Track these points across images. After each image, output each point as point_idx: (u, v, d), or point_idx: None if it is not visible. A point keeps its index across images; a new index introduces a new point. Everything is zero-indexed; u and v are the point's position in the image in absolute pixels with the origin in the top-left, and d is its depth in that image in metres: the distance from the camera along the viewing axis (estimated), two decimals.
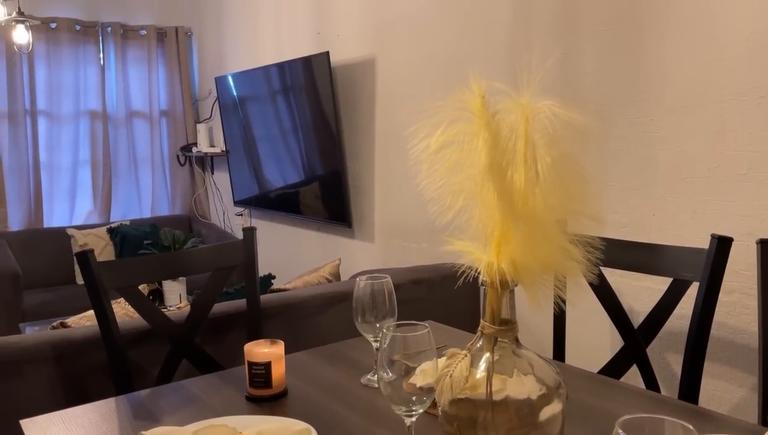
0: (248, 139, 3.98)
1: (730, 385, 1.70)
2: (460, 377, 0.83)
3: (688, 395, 1.38)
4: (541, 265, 0.78)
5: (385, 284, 1.31)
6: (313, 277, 2.53)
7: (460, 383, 0.83)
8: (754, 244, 1.55)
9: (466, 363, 0.84)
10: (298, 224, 3.77)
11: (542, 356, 0.88)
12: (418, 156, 0.69)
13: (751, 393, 1.67)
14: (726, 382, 1.72)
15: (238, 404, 1.22)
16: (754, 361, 1.66)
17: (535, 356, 0.87)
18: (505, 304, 0.86)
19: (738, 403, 1.69)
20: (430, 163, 0.71)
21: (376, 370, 1.32)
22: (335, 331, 2.07)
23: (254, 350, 1.25)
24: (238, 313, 1.93)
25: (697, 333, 1.37)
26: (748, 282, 1.64)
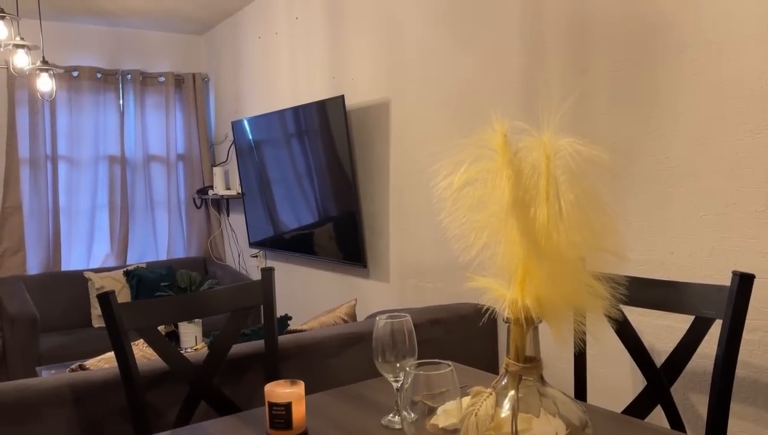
0: (263, 181, 4.02)
1: (758, 426, 1.66)
2: (486, 416, 0.82)
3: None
4: (566, 302, 0.78)
5: (404, 323, 1.31)
6: (330, 317, 2.52)
7: (485, 422, 0.82)
8: None
9: (491, 401, 0.84)
10: (313, 265, 3.78)
11: (567, 395, 0.87)
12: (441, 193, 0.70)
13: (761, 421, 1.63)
14: (753, 423, 1.68)
15: None
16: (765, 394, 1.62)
17: (560, 394, 0.86)
18: (530, 341, 0.86)
19: None
20: (454, 200, 0.72)
21: (396, 410, 1.31)
22: (353, 372, 2.06)
23: (275, 390, 1.25)
24: (255, 354, 1.92)
25: (722, 372, 1.35)
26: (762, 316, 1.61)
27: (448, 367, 0.93)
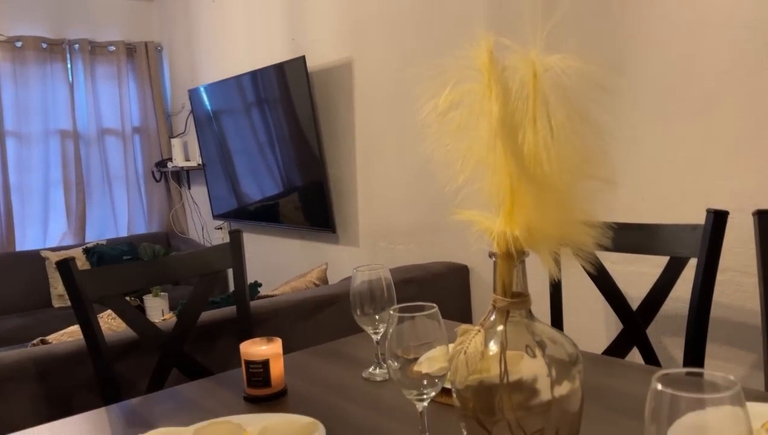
0: (224, 151, 3.92)
1: (731, 364, 1.70)
2: (475, 353, 0.80)
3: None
4: (555, 230, 0.76)
5: (382, 274, 1.28)
6: (301, 282, 2.48)
7: (475, 359, 0.79)
8: (745, 220, 1.55)
9: (480, 338, 0.81)
10: (281, 234, 3.71)
11: (557, 330, 0.85)
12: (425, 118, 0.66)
13: (753, 370, 1.66)
14: (726, 361, 1.71)
15: (236, 405, 1.17)
16: (753, 338, 1.65)
17: (550, 329, 0.84)
18: (517, 276, 0.83)
19: (740, 380, 1.68)
20: (438, 125, 0.68)
21: (377, 363, 1.29)
22: (327, 334, 2.02)
23: (251, 349, 1.21)
24: (227, 320, 1.87)
25: (698, 309, 1.35)
26: (741, 259, 1.63)
27: (432, 308, 0.90)
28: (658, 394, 0.56)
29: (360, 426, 1.04)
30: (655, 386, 0.57)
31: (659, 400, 0.56)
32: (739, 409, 0.55)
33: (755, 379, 1.65)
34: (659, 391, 0.56)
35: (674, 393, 0.55)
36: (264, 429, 0.93)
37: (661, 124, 1.78)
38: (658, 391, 0.56)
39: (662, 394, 0.56)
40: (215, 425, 0.90)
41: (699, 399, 0.55)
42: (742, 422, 0.55)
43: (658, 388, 0.56)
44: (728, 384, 0.56)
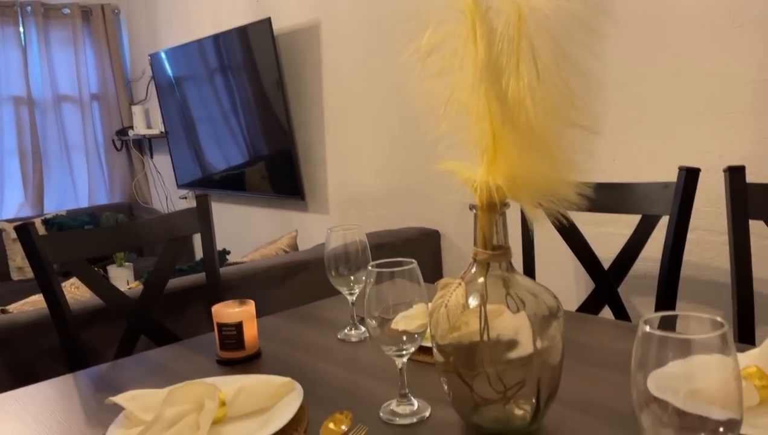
0: (188, 119, 3.81)
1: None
2: (457, 306, 0.78)
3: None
4: (538, 179, 0.74)
5: (357, 234, 1.25)
6: (270, 249, 2.44)
7: (456, 313, 0.78)
8: (713, 179, 1.57)
9: (461, 291, 0.80)
10: (248, 202, 3.65)
11: (538, 283, 0.84)
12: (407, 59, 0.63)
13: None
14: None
15: (209, 368, 1.15)
16: (721, 295, 1.69)
17: (531, 282, 0.83)
18: (498, 228, 0.82)
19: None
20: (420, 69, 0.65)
21: (353, 324, 1.27)
22: (298, 300, 2.00)
23: (223, 311, 1.18)
24: (196, 287, 1.83)
25: (669, 266, 1.37)
26: (708, 218, 1.66)
27: (411, 263, 0.88)
28: (646, 336, 0.56)
29: (337, 385, 1.03)
30: (643, 329, 0.56)
31: (647, 343, 0.56)
32: (728, 351, 0.54)
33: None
34: (647, 334, 0.55)
35: (662, 335, 0.55)
36: (240, 389, 0.90)
37: (631, 84, 1.78)
38: (646, 334, 0.56)
39: (650, 336, 0.55)
40: (190, 386, 0.87)
41: (687, 340, 0.55)
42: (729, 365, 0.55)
43: (646, 331, 0.56)
44: (716, 325, 0.56)
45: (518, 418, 0.82)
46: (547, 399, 0.81)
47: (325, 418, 0.88)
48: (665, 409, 0.56)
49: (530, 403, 0.81)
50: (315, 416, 0.91)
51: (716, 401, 0.55)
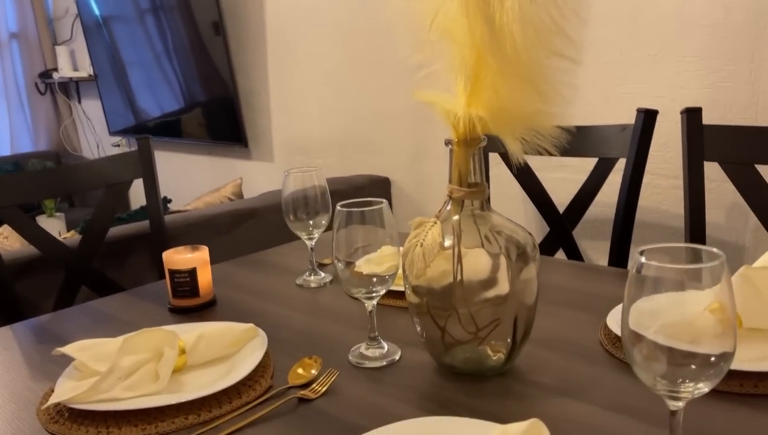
0: (118, 61, 3.59)
1: None
2: (433, 245, 0.75)
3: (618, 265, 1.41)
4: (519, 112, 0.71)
5: (316, 177, 1.20)
6: (215, 197, 2.35)
7: (432, 251, 0.75)
8: (665, 124, 1.59)
9: (437, 230, 0.77)
10: (187, 150, 3.50)
11: (512, 221, 0.82)
12: None
13: None
14: None
15: (161, 317, 1.09)
16: (667, 238, 1.73)
17: (508, 220, 0.81)
18: (474, 165, 0.78)
19: None
20: None
21: (312, 269, 1.23)
22: (247, 249, 1.94)
23: (175, 257, 1.11)
24: (138, 235, 1.74)
25: (625, 207, 1.38)
26: (658, 162, 1.68)
27: (381, 203, 0.84)
28: (644, 267, 0.54)
29: (300, 331, 0.99)
30: (638, 260, 0.55)
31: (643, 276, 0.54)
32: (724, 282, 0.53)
33: None
34: (644, 264, 0.54)
35: (659, 265, 0.53)
36: (200, 336, 0.85)
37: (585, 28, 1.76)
38: (643, 264, 0.54)
39: (647, 267, 0.54)
40: (147, 333, 0.81)
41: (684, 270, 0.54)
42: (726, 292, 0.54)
43: (642, 261, 0.54)
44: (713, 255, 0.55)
45: (492, 358, 0.81)
46: (522, 338, 0.80)
47: (291, 364, 0.85)
48: (656, 343, 0.55)
49: (505, 343, 0.80)
50: (280, 362, 0.87)
51: (707, 334, 0.54)
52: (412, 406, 0.76)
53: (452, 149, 0.78)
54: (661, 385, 0.55)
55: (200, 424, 0.74)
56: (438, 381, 0.81)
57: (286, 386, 0.80)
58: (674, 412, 0.56)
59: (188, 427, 0.73)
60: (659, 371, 0.54)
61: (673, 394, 0.55)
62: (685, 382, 0.54)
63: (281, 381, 0.82)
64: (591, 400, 0.73)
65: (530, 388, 0.78)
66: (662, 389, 0.55)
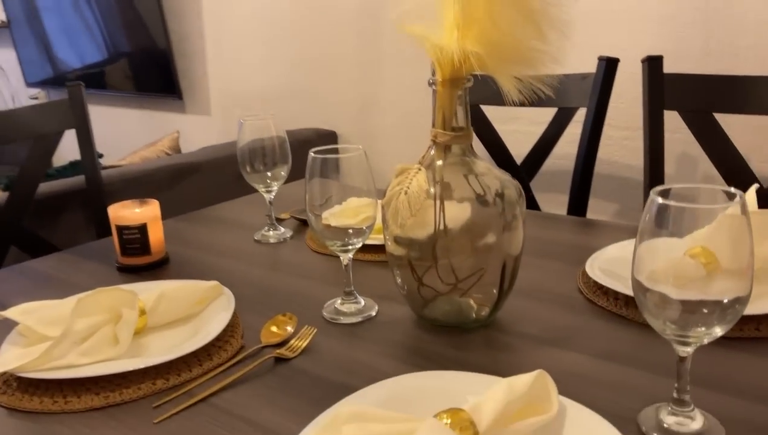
0: (32, 7, 3.29)
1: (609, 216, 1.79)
2: (419, 192, 0.71)
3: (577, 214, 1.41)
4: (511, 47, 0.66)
5: (273, 125, 1.13)
6: (151, 151, 2.22)
7: (419, 199, 0.71)
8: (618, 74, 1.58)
9: (422, 177, 0.72)
10: (114, 102, 3.29)
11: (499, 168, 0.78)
12: None
13: (619, 218, 1.78)
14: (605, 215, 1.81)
15: (110, 277, 1.00)
16: (620, 189, 1.75)
17: (491, 166, 0.77)
18: (459, 107, 0.74)
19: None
20: None
21: (270, 224, 1.17)
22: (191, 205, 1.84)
23: (123, 212, 1.02)
24: (72, 192, 1.61)
25: (585, 158, 1.38)
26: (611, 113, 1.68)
27: (358, 149, 0.79)
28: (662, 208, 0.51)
29: (266, 287, 0.94)
30: (652, 199, 0.52)
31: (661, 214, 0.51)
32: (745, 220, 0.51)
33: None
34: (661, 205, 0.51)
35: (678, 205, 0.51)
36: (161, 295, 0.78)
37: None
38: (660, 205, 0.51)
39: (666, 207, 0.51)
40: (103, 294, 0.74)
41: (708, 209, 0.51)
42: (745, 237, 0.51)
43: (659, 201, 0.51)
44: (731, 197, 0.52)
45: (475, 310, 0.78)
46: (507, 289, 0.77)
47: (261, 323, 0.79)
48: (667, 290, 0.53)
49: (489, 294, 0.77)
50: (248, 321, 0.82)
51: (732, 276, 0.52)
52: (397, 361, 0.72)
53: (436, 90, 0.73)
54: (670, 330, 0.53)
55: (170, 389, 0.68)
56: (420, 335, 0.78)
57: (260, 346, 0.75)
58: (683, 358, 0.55)
59: (156, 392, 0.67)
60: (671, 317, 0.53)
61: (682, 339, 0.53)
62: (697, 327, 0.52)
63: (253, 340, 0.77)
64: (579, 349, 0.72)
65: (516, 340, 0.75)
66: (671, 334, 0.54)
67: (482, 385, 0.59)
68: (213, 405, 0.65)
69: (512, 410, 0.53)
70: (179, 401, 0.66)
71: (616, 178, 1.76)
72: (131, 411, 0.65)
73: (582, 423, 0.54)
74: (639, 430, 0.57)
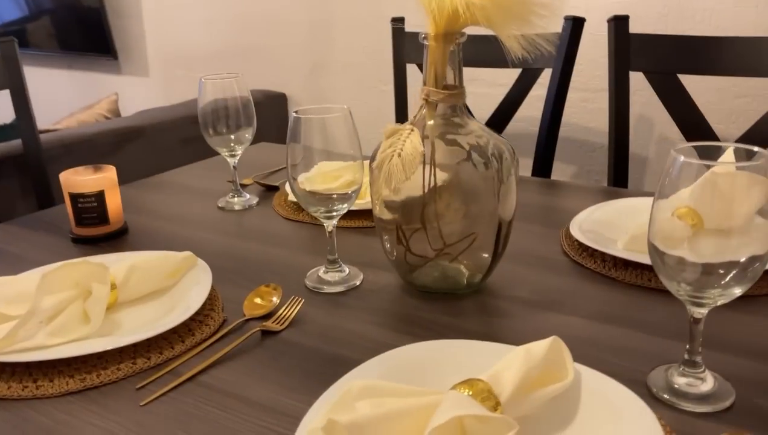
0: None
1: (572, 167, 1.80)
2: (414, 153, 0.67)
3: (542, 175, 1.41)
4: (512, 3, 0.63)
5: (237, 85, 1.06)
6: (89, 115, 2.08)
7: (413, 161, 0.67)
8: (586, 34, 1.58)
9: (416, 138, 0.69)
10: (39, 62, 3.07)
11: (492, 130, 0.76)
12: None
13: (578, 179, 1.80)
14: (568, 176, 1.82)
15: (65, 250, 0.93)
16: (578, 151, 1.77)
17: (484, 127, 0.75)
18: (452, 64, 0.70)
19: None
20: None
21: (235, 190, 1.11)
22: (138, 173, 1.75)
23: (77, 179, 0.94)
24: (6, 158, 1.49)
25: (550, 121, 1.37)
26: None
27: (343, 108, 0.74)
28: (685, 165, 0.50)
29: (238, 257, 0.89)
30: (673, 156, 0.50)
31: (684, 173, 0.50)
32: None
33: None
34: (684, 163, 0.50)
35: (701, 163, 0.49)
36: (132, 268, 0.73)
37: None
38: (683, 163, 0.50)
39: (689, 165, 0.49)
40: (69, 268, 0.67)
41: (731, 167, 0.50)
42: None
43: (681, 160, 0.50)
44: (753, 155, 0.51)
45: (466, 276, 0.76)
46: (500, 253, 0.75)
47: (238, 295, 0.75)
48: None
49: (480, 259, 0.75)
50: (225, 293, 0.77)
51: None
52: (390, 329, 0.70)
53: (428, 45, 0.69)
54: (685, 290, 0.53)
55: (152, 368, 0.63)
56: (410, 302, 0.75)
57: (243, 319, 0.71)
58: (697, 319, 0.54)
59: (138, 373, 0.62)
60: (689, 279, 0.52)
61: (698, 300, 0.53)
62: (714, 288, 0.52)
63: (235, 313, 0.73)
64: (575, 313, 0.71)
65: (509, 304, 0.74)
66: (686, 295, 0.53)
67: (489, 353, 0.57)
68: (202, 384, 0.61)
69: (531, 378, 0.51)
70: (164, 381, 0.61)
71: (574, 141, 1.77)
72: (112, 393, 0.60)
73: (597, 388, 0.53)
74: (649, 391, 0.56)
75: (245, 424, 0.55)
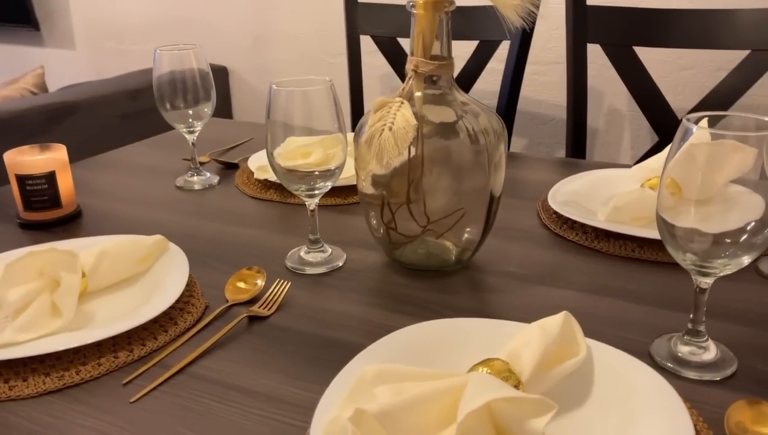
0: None
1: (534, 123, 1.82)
2: (406, 127, 0.65)
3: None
4: None
5: (194, 56, 1.00)
6: (13, 90, 1.93)
7: (406, 135, 0.65)
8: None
9: (407, 110, 0.66)
10: None
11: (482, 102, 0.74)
12: None
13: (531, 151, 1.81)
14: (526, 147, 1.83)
15: (14, 237, 0.86)
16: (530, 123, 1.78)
17: (473, 100, 0.73)
18: (441, 34, 0.68)
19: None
20: None
21: (194, 168, 1.05)
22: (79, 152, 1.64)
23: (23, 159, 0.87)
24: None
25: (509, 94, 1.37)
26: None
27: (326, 81, 0.70)
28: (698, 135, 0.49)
29: (208, 239, 0.84)
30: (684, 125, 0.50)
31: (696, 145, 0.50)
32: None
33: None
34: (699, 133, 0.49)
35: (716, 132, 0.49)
36: (101, 255, 0.67)
37: None
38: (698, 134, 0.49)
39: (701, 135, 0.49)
40: (34, 256, 0.61)
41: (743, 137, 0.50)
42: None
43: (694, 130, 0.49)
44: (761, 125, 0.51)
45: (454, 252, 0.75)
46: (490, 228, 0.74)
47: (215, 279, 0.71)
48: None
49: (471, 234, 0.73)
50: (201, 278, 0.73)
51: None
52: (382, 309, 0.67)
53: (416, 14, 0.67)
54: (690, 260, 0.53)
55: (136, 361, 0.58)
56: (398, 280, 0.73)
57: (227, 304, 0.67)
58: (703, 289, 0.55)
59: (121, 367, 0.58)
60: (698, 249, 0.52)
61: (703, 269, 0.53)
62: (720, 257, 0.52)
63: (216, 299, 0.69)
64: (565, 285, 0.71)
65: (498, 279, 0.73)
66: (692, 265, 0.53)
67: (497, 331, 0.56)
68: (194, 375, 0.57)
69: (549, 355, 0.50)
70: (152, 374, 0.57)
71: (526, 113, 1.79)
72: (96, 391, 0.55)
73: (610, 362, 0.53)
74: (653, 360, 0.57)
75: (250, 417, 0.52)
